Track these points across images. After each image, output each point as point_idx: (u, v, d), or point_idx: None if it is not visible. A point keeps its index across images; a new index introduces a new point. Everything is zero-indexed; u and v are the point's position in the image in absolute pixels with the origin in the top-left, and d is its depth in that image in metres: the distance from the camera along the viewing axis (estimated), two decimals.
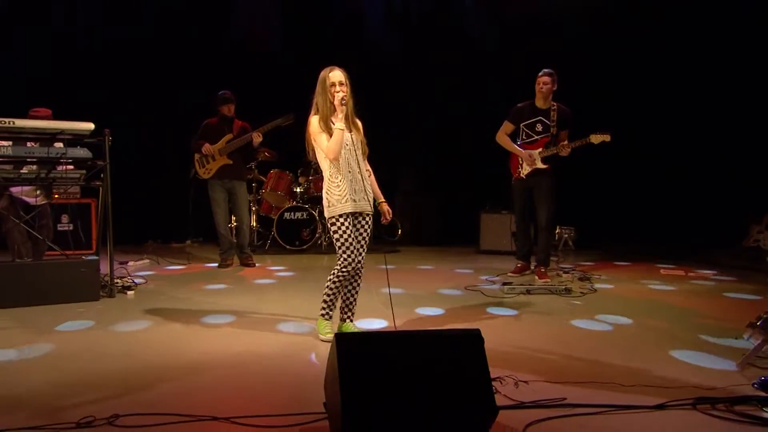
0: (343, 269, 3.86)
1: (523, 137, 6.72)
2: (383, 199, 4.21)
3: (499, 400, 2.93)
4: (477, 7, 11.02)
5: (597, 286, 6.31)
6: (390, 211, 4.18)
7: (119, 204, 9.53)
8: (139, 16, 10.30)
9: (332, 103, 3.86)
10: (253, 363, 3.60)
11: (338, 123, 3.83)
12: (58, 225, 8.51)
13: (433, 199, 10.78)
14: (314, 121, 3.92)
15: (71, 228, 8.29)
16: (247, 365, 3.56)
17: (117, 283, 5.79)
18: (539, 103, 6.60)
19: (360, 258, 3.94)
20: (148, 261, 7.98)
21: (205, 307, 5.14)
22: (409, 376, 2.44)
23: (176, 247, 9.81)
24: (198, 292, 5.89)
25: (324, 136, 3.87)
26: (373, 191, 4.10)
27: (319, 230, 9.04)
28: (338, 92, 3.84)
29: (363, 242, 3.98)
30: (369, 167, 4.15)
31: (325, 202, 3.94)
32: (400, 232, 9.55)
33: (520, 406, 2.88)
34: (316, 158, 4.07)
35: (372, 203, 4.03)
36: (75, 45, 9.90)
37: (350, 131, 3.93)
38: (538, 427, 2.64)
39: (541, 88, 6.51)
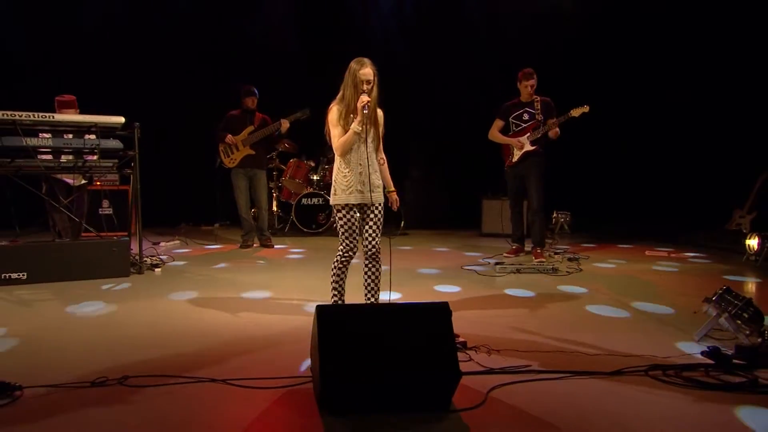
0: (344, 255, 3.70)
1: (513, 128, 6.80)
2: (393, 189, 3.96)
3: (471, 367, 3.01)
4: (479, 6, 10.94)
5: (585, 265, 6.32)
6: (398, 200, 3.94)
7: (155, 190, 9.71)
8: (169, 16, 10.40)
9: (356, 103, 3.57)
10: (256, 334, 3.67)
11: (355, 125, 3.57)
12: (99, 209, 8.68)
13: (439, 186, 10.82)
14: (334, 110, 3.67)
15: (111, 212, 8.47)
16: (250, 336, 3.63)
17: (146, 261, 5.92)
18: (523, 98, 6.75)
19: (375, 243, 3.72)
20: (178, 242, 8.11)
21: (222, 283, 5.24)
22: (381, 344, 2.50)
23: (205, 229, 9.94)
24: (218, 270, 5.99)
25: (339, 130, 3.63)
26: (384, 179, 3.86)
27: (334, 215, 9.11)
28: (363, 92, 3.55)
29: (376, 228, 3.72)
30: (384, 156, 3.91)
31: (332, 189, 3.75)
32: (402, 224, 9.58)
33: (489, 372, 2.93)
34: (330, 144, 3.79)
35: (382, 194, 3.79)
36: (110, 42, 10.01)
37: (369, 127, 3.66)
38: (500, 391, 2.68)
39: (529, 88, 6.65)
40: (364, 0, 11.18)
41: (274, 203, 9.48)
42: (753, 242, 6.50)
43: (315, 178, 9.15)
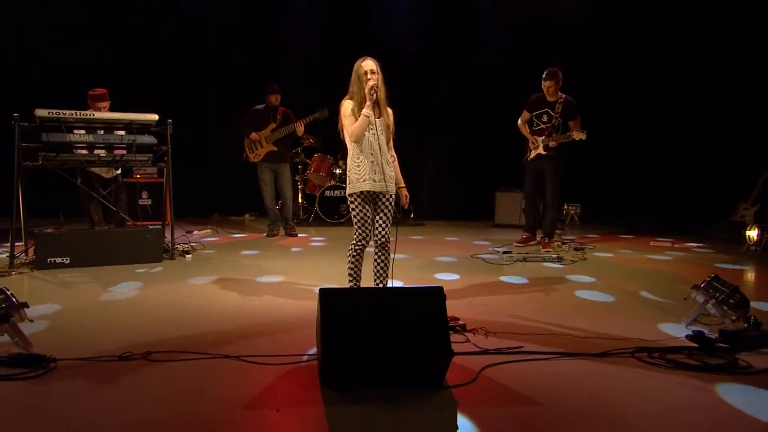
0: (358, 243, 3.73)
1: (534, 126, 6.77)
2: (403, 185, 3.93)
3: (467, 348, 3.04)
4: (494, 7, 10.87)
5: (590, 255, 6.29)
6: (408, 196, 3.90)
7: (191, 183, 9.91)
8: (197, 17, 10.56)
9: (364, 92, 3.63)
10: (272, 316, 3.74)
11: (365, 109, 3.60)
12: (139, 200, 8.89)
13: (455, 179, 10.80)
14: (346, 104, 3.72)
15: (150, 203, 8.68)
16: (266, 317, 3.69)
17: (177, 248, 6.05)
18: (547, 96, 6.62)
19: (385, 231, 3.75)
20: (209, 230, 8.25)
21: (246, 269, 5.34)
22: (380, 325, 2.55)
23: (236, 219, 10.08)
24: (244, 257, 6.10)
25: (351, 120, 3.66)
26: (395, 176, 3.84)
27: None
28: (369, 80, 3.61)
29: (386, 218, 3.74)
30: (394, 154, 3.92)
31: (347, 180, 3.76)
32: (412, 216, 9.65)
33: (483, 352, 2.96)
34: (344, 138, 3.82)
35: (394, 186, 3.77)
36: (149, 44, 10.18)
37: (378, 117, 3.71)
38: (492, 370, 2.72)
39: (548, 90, 6.56)
40: (382, 1, 11.19)
41: (300, 195, 9.58)
42: (753, 233, 6.39)
43: (338, 171, 9.22)
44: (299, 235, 7.88)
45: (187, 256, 5.96)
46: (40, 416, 2.21)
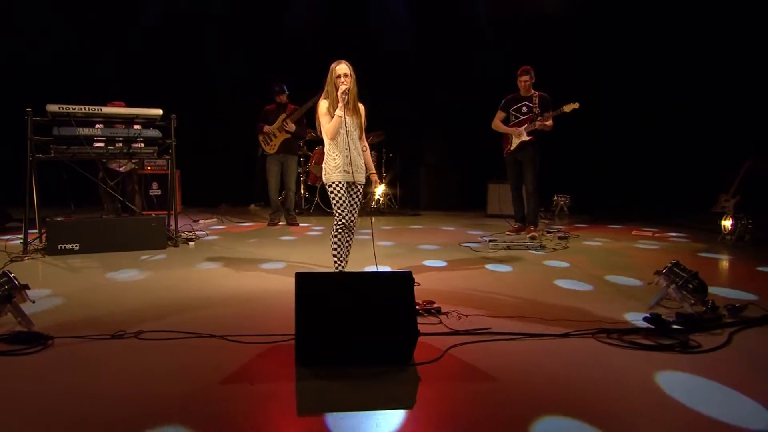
0: (339, 224, 3.96)
1: (513, 119, 6.83)
2: (373, 170, 4.26)
3: (439, 329, 3.09)
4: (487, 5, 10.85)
5: (572, 243, 6.32)
6: (378, 181, 4.22)
7: (200, 174, 9.99)
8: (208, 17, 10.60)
9: (336, 93, 3.87)
10: (261, 298, 3.80)
11: (338, 110, 3.86)
12: (150, 191, 8.98)
13: (451, 171, 10.83)
14: (322, 104, 3.94)
15: (159, 193, 8.76)
16: (256, 299, 3.76)
17: (181, 235, 6.13)
18: (522, 92, 6.74)
19: (352, 216, 4.01)
20: (215, 219, 8.33)
21: (244, 256, 5.41)
22: (351, 307, 2.60)
23: (242, 209, 10.16)
24: (245, 244, 6.17)
25: (327, 119, 3.91)
26: (366, 163, 4.11)
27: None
28: (342, 83, 3.82)
29: (355, 205, 4.05)
30: (366, 144, 4.15)
31: (323, 171, 4.01)
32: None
33: (453, 333, 3.01)
34: (321, 134, 4.04)
35: (365, 176, 4.07)
36: (164, 42, 10.24)
37: (351, 115, 3.95)
38: (458, 349, 2.76)
39: (524, 84, 6.67)
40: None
41: (302, 186, 9.64)
42: (727, 223, 6.40)
43: None
44: (300, 224, 7.94)
45: (190, 243, 6.03)
46: (35, 388, 2.29)
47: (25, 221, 5.46)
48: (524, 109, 6.72)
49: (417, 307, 3.36)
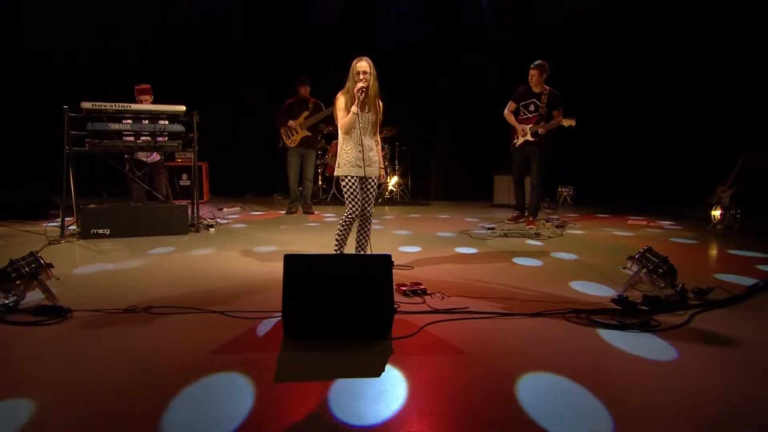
0: (348, 215, 3.89)
1: (521, 115, 6.77)
2: (382, 166, 4.10)
3: (421, 308, 3.16)
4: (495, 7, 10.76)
5: (568, 232, 6.30)
6: (383, 175, 4.13)
7: (227, 166, 10.17)
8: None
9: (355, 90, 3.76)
10: (264, 278, 3.89)
11: (354, 107, 3.76)
12: (180, 181, 9.21)
13: (460, 163, 10.83)
14: (340, 99, 3.86)
15: (188, 183, 8.97)
16: (258, 280, 3.85)
17: (202, 222, 6.29)
18: (533, 87, 6.59)
19: (367, 208, 3.96)
20: (238, 208, 8.50)
21: (259, 241, 5.53)
22: (334, 285, 2.68)
23: (266, 198, 10.33)
24: (262, 231, 6.29)
25: (343, 114, 3.82)
26: (377, 159, 4.01)
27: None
28: (360, 80, 3.73)
29: (371, 197, 3.97)
30: (379, 139, 4.08)
31: (336, 164, 3.93)
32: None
33: (434, 311, 3.07)
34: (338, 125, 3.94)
35: (377, 170, 3.96)
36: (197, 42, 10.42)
37: (368, 111, 3.84)
38: (434, 326, 2.82)
39: (533, 79, 6.55)
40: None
41: (319, 178, 9.76)
42: (716, 213, 6.31)
43: None
44: (316, 213, 8.06)
45: (210, 229, 6.19)
46: (53, 354, 2.44)
47: (62, 208, 5.67)
48: (531, 107, 6.63)
49: (404, 288, 3.46)
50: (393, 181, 9.66)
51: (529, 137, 6.63)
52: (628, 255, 3.47)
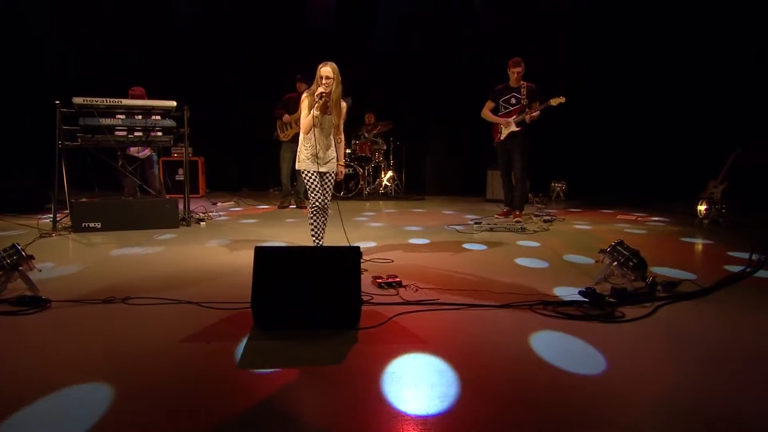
0: (313, 206, 4.12)
1: (502, 110, 6.81)
2: (342, 162, 4.27)
3: (393, 299, 3.20)
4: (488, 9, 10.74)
5: (555, 226, 6.32)
6: (342, 172, 4.27)
7: (224, 161, 10.21)
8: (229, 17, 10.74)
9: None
10: (244, 271, 3.87)
11: (313, 110, 3.94)
12: (175, 176, 9.26)
13: (455, 158, 10.85)
14: (305, 99, 4.02)
15: (183, 178, 9.01)
16: (240, 272, 3.89)
17: (193, 216, 6.34)
18: (512, 83, 6.65)
19: (326, 200, 4.13)
20: (232, 202, 8.56)
21: (246, 234, 5.58)
22: (303, 277, 2.72)
23: (261, 193, 10.38)
24: (250, 225, 6.34)
25: (305, 113, 4.01)
26: (338, 154, 4.20)
27: (362, 183, 9.36)
28: (322, 85, 3.91)
29: (328, 190, 4.14)
30: (341, 137, 4.27)
31: (297, 158, 4.11)
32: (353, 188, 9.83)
33: (405, 303, 3.11)
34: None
35: (334, 167, 4.15)
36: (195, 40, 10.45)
37: (329, 114, 4.03)
38: (403, 317, 2.86)
39: (516, 75, 6.58)
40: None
41: None
42: (702, 207, 6.32)
43: (348, 151, 9.38)
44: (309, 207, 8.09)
45: (201, 223, 6.24)
46: (30, 342, 2.49)
47: (54, 202, 5.74)
48: (513, 101, 6.71)
49: (380, 281, 3.50)
50: (387, 176, 9.70)
51: (513, 128, 6.66)
52: (599, 249, 3.49)
